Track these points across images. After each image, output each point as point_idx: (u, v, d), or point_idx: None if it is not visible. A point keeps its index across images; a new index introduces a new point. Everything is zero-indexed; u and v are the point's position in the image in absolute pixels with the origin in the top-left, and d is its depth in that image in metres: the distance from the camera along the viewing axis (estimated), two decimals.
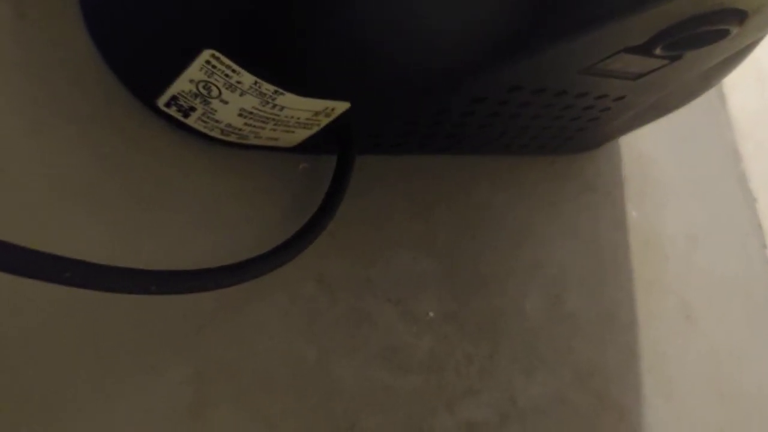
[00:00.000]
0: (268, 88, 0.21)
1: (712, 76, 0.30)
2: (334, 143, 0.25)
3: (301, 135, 0.24)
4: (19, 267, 0.16)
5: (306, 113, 0.22)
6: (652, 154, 0.38)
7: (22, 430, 0.19)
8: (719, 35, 0.22)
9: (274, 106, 0.22)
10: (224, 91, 0.21)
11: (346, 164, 0.25)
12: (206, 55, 0.20)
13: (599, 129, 0.32)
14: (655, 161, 0.38)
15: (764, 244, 0.42)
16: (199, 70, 0.20)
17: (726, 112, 0.45)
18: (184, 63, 0.20)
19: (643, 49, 0.22)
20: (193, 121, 0.23)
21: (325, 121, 0.23)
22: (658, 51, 0.22)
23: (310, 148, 0.25)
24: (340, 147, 0.25)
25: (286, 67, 0.21)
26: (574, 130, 0.30)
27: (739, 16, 0.21)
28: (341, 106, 0.22)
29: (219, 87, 0.21)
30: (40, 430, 0.19)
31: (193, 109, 0.22)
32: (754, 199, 0.43)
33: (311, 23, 0.19)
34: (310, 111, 0.22)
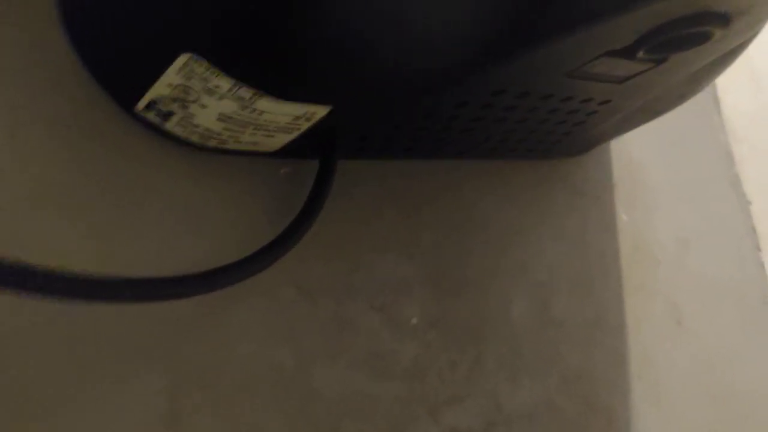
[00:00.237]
0: (246, 91, 0.20)
1: (701, 79, 0.30)
2: (317, 148, 0.25)
3: (281, 140, 0.24)
4: None
5: (286, 117, 0.22)
6: (643, 158, 0.38)
7: None
8: (703, 38, 0.22)
9: (253, 110, 0.21)
10: (202, 95, 0.21)
11: (327, 169, 0.24)
12: (184, 58, 0.20)
13: (587, 133, 0.31)
14: (646, 165, 0.38)
15: (758, 247, 0.41)
16: (176, 74, 0.20)
17: (719, 114, 0.45)
18: (161, 67, 0.20)
19: (627, 53, 0.22)
20: (172, 125, 0.23)
21: (306, 125, 0.23)
22: (641, 54, 0.22)
23: (292, 152, 0.25)
24: (322, 152, 0.25)
25: (263, 70, 0.20)
26: (561, 133, 0.30)
27: (721, 18, 0.21)
28: (321, 111, 0.22)
29: (197, 91, 0.21)
30: None
31: (171, 113, 0.22)
32: (748, 202, 0.43)
33: (288, 26, 0.19)
34: (290, 115, 0.22)
